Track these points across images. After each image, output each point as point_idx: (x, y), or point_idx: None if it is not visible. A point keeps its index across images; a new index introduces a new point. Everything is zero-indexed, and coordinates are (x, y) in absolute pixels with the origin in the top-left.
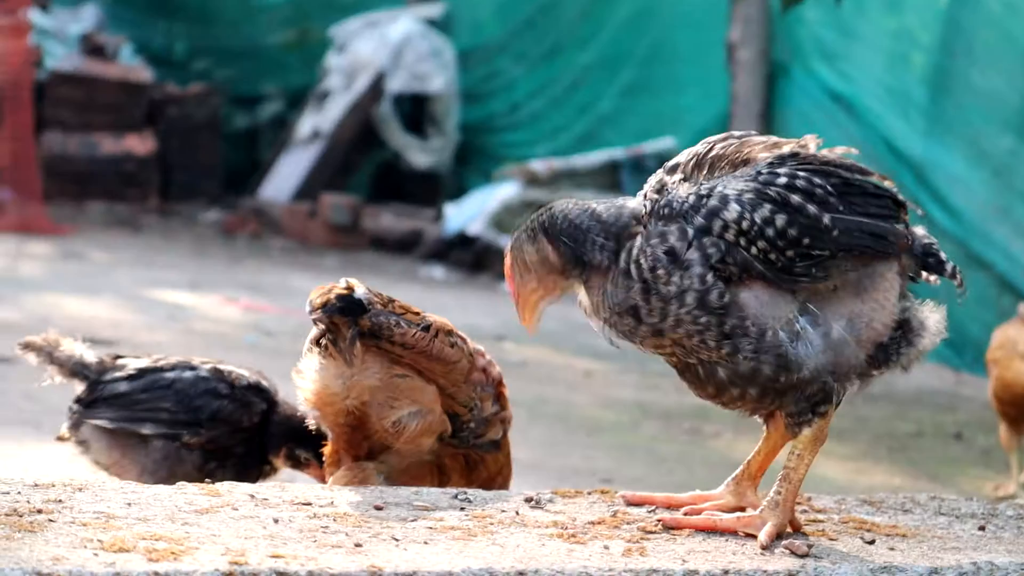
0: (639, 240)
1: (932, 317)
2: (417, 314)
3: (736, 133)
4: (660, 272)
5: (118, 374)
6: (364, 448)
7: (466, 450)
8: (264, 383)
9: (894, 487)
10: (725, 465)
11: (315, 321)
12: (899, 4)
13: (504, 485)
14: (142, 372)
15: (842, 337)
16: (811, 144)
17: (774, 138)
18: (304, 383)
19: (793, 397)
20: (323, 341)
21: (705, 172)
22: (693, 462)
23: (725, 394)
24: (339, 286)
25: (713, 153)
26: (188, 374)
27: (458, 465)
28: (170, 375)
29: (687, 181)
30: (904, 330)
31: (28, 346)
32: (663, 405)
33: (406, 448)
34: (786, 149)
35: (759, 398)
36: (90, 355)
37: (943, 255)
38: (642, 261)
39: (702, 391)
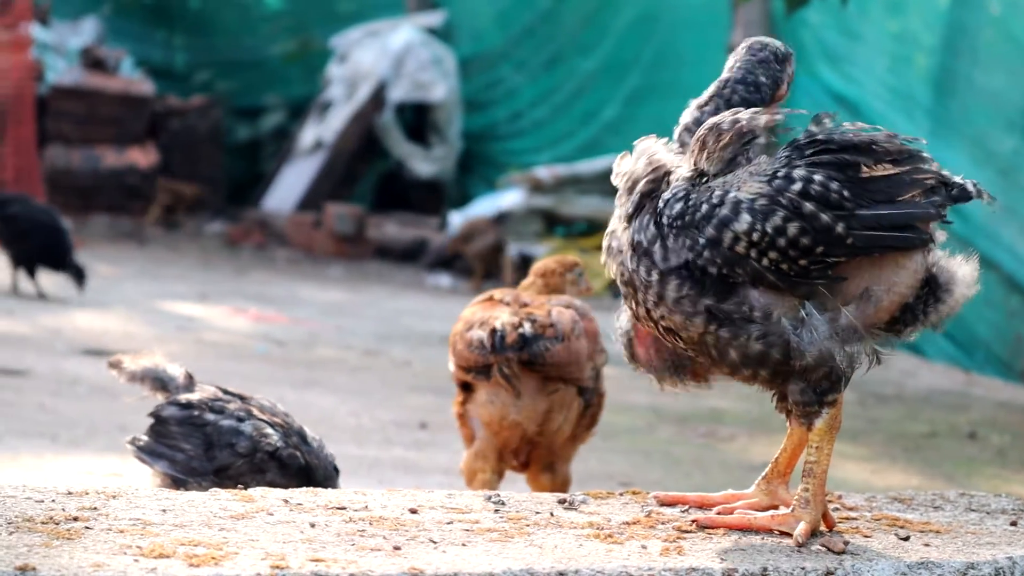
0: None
1: (962, 269)
2: (542, 306)
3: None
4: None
5: (180, 398)
6: (523, 452)
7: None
8: (301, 460)
9: (913, 487)
10: (741, 467)
11: (498, 360)
12: (901, 6)
13: (600, 414)
14: (189, 404)
15: (850, 323)
16: (827, 121)
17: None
18: (483, 412)
19: (798, 384)
20: (493, 374)
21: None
22: (710, 465)
23: (739, 373)
24: (510, 325)
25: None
26: (227, 422)
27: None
28: (210, 417)
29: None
30: (932, 287)
31: (112, 364)
32: (677, 409)
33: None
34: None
35: (771, 379)
36: (174, 369)
37: (968, 185)
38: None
39: (718, 369)
